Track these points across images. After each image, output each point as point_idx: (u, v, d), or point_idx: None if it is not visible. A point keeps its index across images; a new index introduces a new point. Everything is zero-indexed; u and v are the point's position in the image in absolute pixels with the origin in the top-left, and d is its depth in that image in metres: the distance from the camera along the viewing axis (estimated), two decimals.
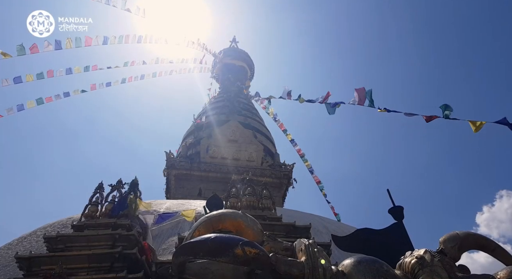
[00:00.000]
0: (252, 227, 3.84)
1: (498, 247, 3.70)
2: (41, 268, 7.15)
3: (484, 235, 3.86)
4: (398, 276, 3.29)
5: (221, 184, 17.77)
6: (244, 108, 25.00)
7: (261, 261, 3.09)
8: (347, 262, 3.41)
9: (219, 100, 25.79)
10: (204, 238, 3.17)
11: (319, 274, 3.10)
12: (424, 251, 3.45)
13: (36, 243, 9.72)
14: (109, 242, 7.80)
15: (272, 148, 23.46)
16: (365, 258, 3.41)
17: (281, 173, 21.07)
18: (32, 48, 15.36)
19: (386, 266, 3.35)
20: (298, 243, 3.56)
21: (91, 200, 8.93)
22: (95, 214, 8.68)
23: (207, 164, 20.19)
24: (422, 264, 3.31)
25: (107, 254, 7.48)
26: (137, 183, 9.80)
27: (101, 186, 9.26)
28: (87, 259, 7.37)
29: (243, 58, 29.50)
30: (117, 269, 7.23)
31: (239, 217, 3.91)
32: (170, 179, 20.41)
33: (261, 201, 10.84)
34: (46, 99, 18.87)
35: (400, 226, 5.37)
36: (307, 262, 3.20)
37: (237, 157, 20.84)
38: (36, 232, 10.48)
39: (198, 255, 3.12)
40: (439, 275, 3.19)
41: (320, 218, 12.92)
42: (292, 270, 3.13)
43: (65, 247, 7.65)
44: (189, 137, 23.06)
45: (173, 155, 20.92)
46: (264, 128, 24.64)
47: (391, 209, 5.60)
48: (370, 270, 3.24)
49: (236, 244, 3.05)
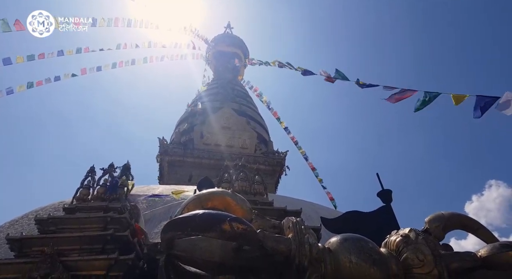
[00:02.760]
0: (241, 205, 3.89)
1: (481, 227, 3.79)
2: (32, 249, 7.19)
3: (469, 216, 3.96)
4: (383, 253, 3.36)
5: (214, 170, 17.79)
6: (238, 95, 24.93)
7: (248, 237, 3.13)
8: (334, 240, 3.48)
9: (213, 86, 25.67)
10: (192, 214, 3.20)
11: (306, 250, 3.15)
12: (409, 230, 3.52)
13: (27, 226, 9.73)
14: (101, 225, 7.84)
15: (265, 135, 23.52)
16: (351, 236, 3.48)
17: (274, 160, 21.17)
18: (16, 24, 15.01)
19: (372, 243, 3.41)
20: (286, 221, 3.61)
21: (83, 184, 8.93)
22: (87, 197, 8.70)
23: (201, 150, 20.21)
24: (406, 242, 3.38)
25: (99, 236, 7.52)
26: (129, 167, 9.82)
27: (93, 170, 9.25)
28: (78, 241, 7.41)
29: (238, 44, 29.22)
30: (108, 251, 7.28)
31: (228, 196, 3.95)
32: (163, 165, 20.42)
33: (253, 186, 10.93)
34: (36, 83, 18.64)
35: (388, 209, 5.47)
36: (294, 239, 3.25)
37: (231, 144, 20.87)
38: (27, 215, 10.48)
39: (186, 231, 3.15)
40: (422, 252, 3.26)
41: (312, 204, 13.07)
42: (279, 246, 3.18)
43: (57, 229, 7.68)
44: (182, 124, 23.00)
45: (166, 142, 20.89)
46: (258, 115, 24.64)
47: (380, 192, 5.69)
48: (356, 247, 3.30)
49: (223, 220, 3.09)
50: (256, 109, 25.28)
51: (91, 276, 6.81)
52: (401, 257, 3.30)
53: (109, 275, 6.89)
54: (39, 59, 17.47)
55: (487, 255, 3.12)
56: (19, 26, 15.19)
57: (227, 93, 24.32)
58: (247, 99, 25.61)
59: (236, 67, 27.81)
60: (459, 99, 9.15)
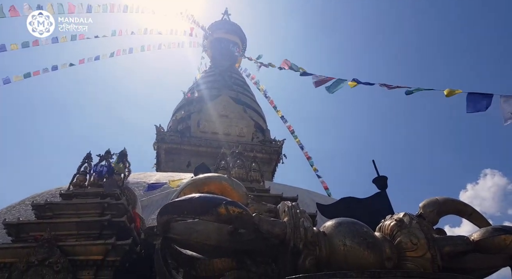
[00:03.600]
0: (237, 190, 3.91)
1: (474, 211, 3.83)
2: (30, 234, 7.23)
3: (462, 201, 3.99)
4: (377, 237, 3.39)
5: (211, 158, 17.81)
6: (235, 83, 24.82)
7: (244, 220, 3.15)
8: (328, 224, 3.50)
9: (210, 74, 25.51)
10: (188, 197, 3.22)
11: (301, 234, 3.18)
12: (403, 214, 3.55)
13: (25, 212, 9.76)
14: (98, 211, 7.88)
15: (262, 124, 23.52)
16: (346, 220, 3.50)
17: (271, 148, 21.22)
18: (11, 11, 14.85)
19: (366, 227, 3.44)
20: (282, 205, 3.63)
21: (79, 170, 8.93)
22: (84, 183, 8.71)
23: (198, 138, 20.21)
24: (400, 226, 3.41)
25: (96, 221, 7.57)
26: (126, 154, 9.79)
27: (89, 156, 9.25)
28: (75, 226, 7.46)
29: (235, 31, 28.92)
30: (106, 236, 7.33)
31: (224, 180, 3.96)
32: (160, 153, 20.44)
33: (250, 173, 10.99)
34: (33, 73, 18.53)
35: (384, 195, 5.49)
36: (289, 222, 3.27)
37: (228, 132, 20.87)
38: (24, 201, 10.50)
39: (182, 214, 3.17)
40: (416, 236, 3.29)
41: (308, 191, 13.17)
42: (274, 229, 3.20)
43: (54, 215, 7.71)
44: (179, 111, 22.93)
45: (163, 129, 20.87)
46: (255, 103, 24.58)
47: (375, 178, 5.71)
48: (350, 231, 3.33)
49: (219, 203, 3.10)
50: (253, 97, 25.21)
51: (88, 260, 6.87)
52: (395, 241, 3.33)
53: (107, 260, 6.96)
54: (34, 46, 17.24)
55: (479, 238, 3.15)
56: (14, 12, 14.97)
57: (225, 81, 24.19)
58: (244, 87, 25.51)
59: (233, 54, 27.59)
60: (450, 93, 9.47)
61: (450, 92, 9.49)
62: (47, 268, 6.49)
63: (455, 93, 9.41)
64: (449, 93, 9.49)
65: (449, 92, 9.49)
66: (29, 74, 18.19)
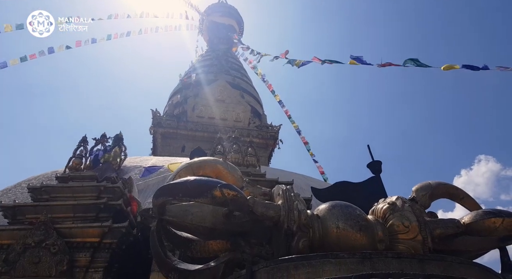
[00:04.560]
0: (232, 173, 3.93)
1: (466, 196, 3.88)
2: (26, 216, 7.26)
3: (455, 185, 4.04)
4: (370, 220, 3.44)
5: (207, 143, 17.81)
6: (232, 68, 24.57)
7: (239, 202, 3.18)
8: (322, 207, 3.55)
9: (207, 58, 25.20)
10: (184, 180, 3.24)
11: (294, 216, 3.22)
12: (396, 198, 3.60)
13: (21, 194, 9.76)
14: (94, 194, 7.90)
15: (259, 109, 23.42)
16: (339, 203, 3.55)
17: (267, 134, 21.19)
18: None
19: (359, 210, 3.49)
20: (276, 188, 3.67)
21: (75, 153, 8.91)
22: (80, 166, 8.71)
23: (194, 123, 20.12)
24: (393, 209, 3.46)
25: (92, 204, 7.60)
26: (122, 137, 9.78)
27: (85, 140, 9.22)
28: (72, 209, 7.49)
29: (232, 14, 28.45)
30: (102, 219, 7.38)
31: (219, 164, 3.98)
32: (156, 137, 20.36)
33: (246, 158, 11.02)
34: (30, 56, 18.28)
35: (377, 179, 5.55)
36: (284, 205, 3.31)
37: (224, 117, 20.79)
38: (21, 184, 10.49)
39: (178, 196, 3.19)
40: (408, 219, 3.35)
41: (303, 176, 13.24)
42: (268, 212, 3.24)
43: (50, 197, 7.73)
44: (175, 96, 22.75)
45: (159, 114, 20.72)
46: (252, 88, 24.40)
47: (370, 163, 5.75)
48: (343, 214, 3.38)
49: (214, 186, 3.12)
50: (250, 82, 25.01)
51: (85, 243, 6.93)
52: (387, 223, 3.39)
53: (103, 242, 7.03)
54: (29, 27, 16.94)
55: (470, 221, 3.21)
56: None
57: (221, 65, 23.94)
58: (241, 71, 25.26)
59: (230, 38, 27.23)
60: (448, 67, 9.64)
61: (447, 67, 9.68)
62: (44, 250, 6.54)
63: (452, 68, 9.57)
64: (446, 67, 9.68)
65: (447, 67, 9.68)
66: (25, 57, 17.96)
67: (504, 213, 3.12)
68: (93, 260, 6.85)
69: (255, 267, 2.81)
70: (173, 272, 3.17)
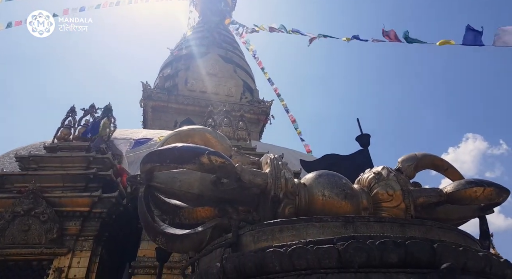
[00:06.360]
0: (221, 142, 3.93)
1: (450, 166, 3.96)
2: (14, 185, 7.25)
3: (440, 156, 4.11)
4: (355, 189, 3.50)
5: (199, 117, 17.76)
6: (224, 41, 24.11)
7: (226, 170, 3.19)
8: (309, 176, 3.59)
9: (199, 30, 24.64)
10: (172, 146, 3.23)
11: (281, 184, 3.25)
12: (382, 168, 3.64)
13: (9, 164, 9.70)
14: (83, 164, 7.89)
15: (251, 84, 23.21)
16: (325, 172, 3.59)
17: (259, 109, 21.12)
18: None
19: (345, 179, 3.54)
20: (264, 157, 3.68)
21: (63, 123, 8.81)
22: (68, 137, 8.64)
23: (185, 97, 19.92)
24: (378, 179, 3.51)
25: (82, 175, 7.60)
26: (111, 108, 9.65)
27: (73, 110, 9.10)
28: (61, 179, 7.49)
29: None
30: (92, 189, 7.41)
31: (208, 132, 3.96)
32: (147, 110, 20.17)
33: (237, 132, 11.04)
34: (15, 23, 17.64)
35: (365, 152, 5.60)
36: (271, 173, 3.33)
37: (216, 92, 20.59)
38: (9, 154, 10.41)
39: (165, 162, 3.19)
40: (392, 187, 3.41)
41: (293, 151, 13.35)
42: (256, 179, 3.26)
43: (38, 167, 7.69)
44: (166, 68, 22.37)
45: (150, 86, 20.42)
46: (244, 63, 24.08)
47: (359, 136, 5.79)
48: (329, 182, 3.42)
49: (202, 153, 3.12)
50: (243, 56, 24.64)
51: (75, 212, 6.98)
52: (372, 192, 3.45)
53: (93, 212, 7.09)
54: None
55: (453, 191, 3.28)
56: None
57: (214, 37, 23.45)
58: (233, 45, 24.82)
59: (223, 9, 26.54)
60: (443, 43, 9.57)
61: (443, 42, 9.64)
62: (33, 218, 6.58)
63: (448, 44, 9.53)
64: (442, 43, 9.63)
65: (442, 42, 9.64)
66: (10, 23, 17.34)
67: (486, 183, 3.20)
68: (83, 229, 6.93)
69: (241, 231, 2.86)
70: (160, 236, 3.21)
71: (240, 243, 2.81)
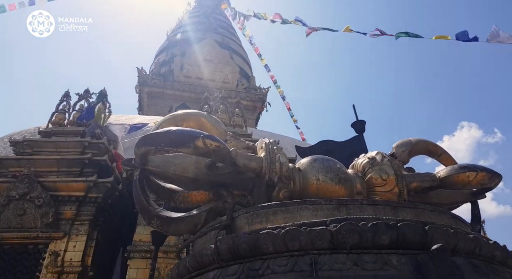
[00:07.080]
0: (216, 126, 3.92)
1: (444, 152, 3.99)
2: (9, 170, 7.22)
3: (434, 142, 4.13)
4: (349, 173, 3.52)
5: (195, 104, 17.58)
6: (221, 26, 23.80)
7: (221, 154, 3.19)
8: (304, 160, 3.60)
9: (195, 15, 24.27)
10: (166, 129, 3.21)
11: (276, 168, 3.26)
12: (376, 153, 3.67)
13: (3, 149, 9.65)
14: (78, 149, 7.86)
15: (248, 70, 23.04)
16: (320, 157, 3.60)
17: (256, 96, 21.03)
18: None
19: (339, 164, 3.56)
20: (260, 141, 3.69)
21: (58, 108, 8.74)
22: (63, 122, 8.58)
23: (181, 83, 19.76)
24: (372, 164, 3.54)
25: (77, 159, 7.58)
26: (106, 94, 9.58)
27: (68, 95, 9.02)
28: (56, 164, 7.47)
29: None
30: (87, 174, 7.41)
31: (203, 116, 3.95)
32: (142, 96, 20.01)
33: (233, 118, 11.03)
34: (9, 7, 17.29)
35: (360, 138, 5.62)
36: (266, 157, 3.34)
37: (212, 78, 20.43)
38: (3, 139, 10.34)
39: (160, 146, 3.18)
40: (386, 172, 3.44)
41: (289, 138, 13.37)
42: (251, 163, 3.27)
43: (33, 152, 7.66)
44: (162, 54, 22.12)
45: (145, 72, 20.22)
46: (241, 49, 23.84)
47: (354, 122, 5.80)
48: (324, 167, 3.44)
49: (197, 136, 3.11)
50: (239, 42, 24.37)
51: (70, 196, 6.99)
52: (366, 177, 3.48)
53: (88, 197, 7.10)
54: None
55: (446, 175, 3.32)
56: None
57: (210, 23, 23.12)
58: (230, 30, 24.51)
59: None
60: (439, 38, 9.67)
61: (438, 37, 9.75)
62: (29, 203, 6.59)
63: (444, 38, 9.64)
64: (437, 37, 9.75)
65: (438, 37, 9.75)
66: (3, 7, 17.00)
67: (478, 168, 3.23)
68: (78, 213, 6.96)
69: (235, 214, 2.88)
70: (155, 219, 3.23)
71: (235, 225, 2.83)
